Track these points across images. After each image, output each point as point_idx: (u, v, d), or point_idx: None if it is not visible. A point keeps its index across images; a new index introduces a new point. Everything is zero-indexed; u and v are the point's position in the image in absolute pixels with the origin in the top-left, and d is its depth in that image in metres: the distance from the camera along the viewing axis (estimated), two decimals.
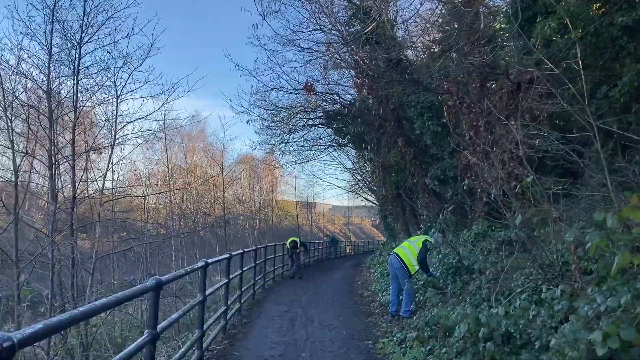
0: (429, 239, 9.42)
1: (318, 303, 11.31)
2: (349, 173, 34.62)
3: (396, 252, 9.28)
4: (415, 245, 9.24)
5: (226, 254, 7.82)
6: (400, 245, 9.53)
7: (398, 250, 9.33)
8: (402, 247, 9.35)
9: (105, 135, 11.50)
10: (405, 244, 9.41)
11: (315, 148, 23.69)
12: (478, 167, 9.76)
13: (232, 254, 7.89)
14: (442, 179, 14.02)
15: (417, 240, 9.45)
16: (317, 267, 23.25)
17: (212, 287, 7.27)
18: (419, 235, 9.73)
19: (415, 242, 9.35)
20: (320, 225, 66.05)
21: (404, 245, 9.40)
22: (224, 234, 24.27)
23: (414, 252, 9.11)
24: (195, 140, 43.13)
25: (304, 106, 17.59)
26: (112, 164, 11.82)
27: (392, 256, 9.30)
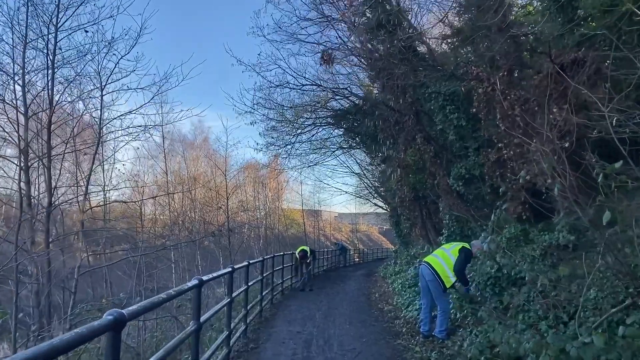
0: (467, 246, 8.04)
1: (334, 320, 9.95)
2: (358, 177, 33.34)
3: (428, 262, 7.92)
4: (451, 254, 7.89)
5: (228, 267, 6.50)
6: (433, 254, 8.16)
7: (430, 259, 7.96)
8: (434, 256, 7.99)
9: (90, 133, 10.25)
10: (439, 252, 8.04)
11: (323, 151, 22.44)
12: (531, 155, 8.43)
13: (234, 267, 6.57)
14: (467, 178, 12.66)
15: (452, 247, 8.07)
16: (327, 277, 21.86)
17: (212, 308, 5.98)
18: (455, 242, 8.36)
19: (450, 250, 7.98)
20: (327, 233, 64.61)
21: (438, 254, 8.04)
22: (228, 243, 22.95)
23: (449, 262, 7.75)
24: (199, 150, 41.97)
25: (312, 104, 16.27)
26: (102, 165, 10.50)
27: (423, 266, 7.94)
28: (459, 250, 7.81)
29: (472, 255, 8.04)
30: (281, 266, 14.92)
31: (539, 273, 7.67)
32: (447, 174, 13.12)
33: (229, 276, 6.50)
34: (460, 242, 8.26)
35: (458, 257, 7.70)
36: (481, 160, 12.13)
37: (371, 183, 33.58)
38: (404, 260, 16.51)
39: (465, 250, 7.84)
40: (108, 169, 16.29)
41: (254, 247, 35.15)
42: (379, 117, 13.48)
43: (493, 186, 12.06)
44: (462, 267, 7.71)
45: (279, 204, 43.79)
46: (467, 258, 7.87)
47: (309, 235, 47.28)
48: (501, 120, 9.49)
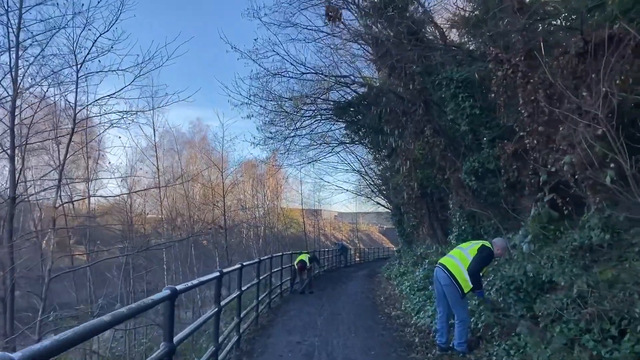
0: (488, 244, 7.04)
1: (338, 328, 8.99)
2: (359, 175, 32.39)
3: (443, 264, 6.94)
4: (469, 254, 6.90)
5: (215, 271, 5.54)
6: (449, 255, 7.18)
7: (446, 260, 6.98)
8: (451, 257, 7.00)
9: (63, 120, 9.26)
10: (456, 253, 7.05)
11: (323, 146, 21.45)
12: (559, 143, 7.49)
13: (222, 272, 5.61)
14: (481, 173, 11.70)
15: (471, 246, 7.07)
16: (328, 278, 20.89)
17: (198, 319, 5.03)
18: (475, 241, 7.35)
19: (468, 250, 6.99)
20: (327, 232, 63.68)
21: (454, 254, 7.05)
22: (225, 243, 21.96)
23: (467, 263, 6.78)
24: (197, 148, 40.93)
25: (313, 94, 15.22)
26: (86, 159, 9.52)
27: (438, 269, 6.97)
28: (479, 249, 6.82)
29: (493, 255, 7.04)
30: (280, 267, 13.96)
31: (572, 277, 6.73)
32: (459, 169, 12.17)
33: (216, 282, 5.54)
34: (480, 241, 7.26)
35: (475, 256, 6.71)
36: (497, 153, 11.20)
37: (373, 181, 32.65)
38: (410, 261, 15.54)
39: (486, 249, 6.85)
40: (92, 163, 15.32)
41: (252, 247, 34.18)
42: (385, 106, 12.51)
43: (509, 180, 11.13)
44: (478, 268, 6.72)
45: (277, 203, 42.84)
46: (487, 258, 6.88)
47: (308, 234, 46.31)
48: (523, 106, 8.54)
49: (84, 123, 9.37)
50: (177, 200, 23.11)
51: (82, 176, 15.72)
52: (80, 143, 9.30)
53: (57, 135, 8.56)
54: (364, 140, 19.85)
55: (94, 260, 10.48)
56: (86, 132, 10.41)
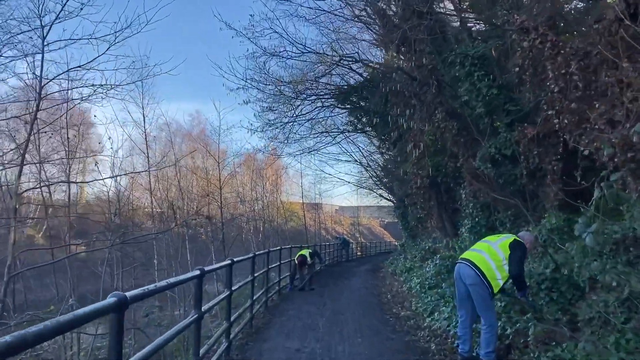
0: (517, 238, 6.03)
1: (342, 331, 8.03)
2: (361, 166, 31.38)
3: (470, 260, 5.90)
4: (499, 249, 5.86)
5: (196, 270, 4.55)
6: (474, 249, 6.14)
7: (472, 256, 5.94)
8: (478, 252, 5.97)
9: None
10: (483, 247, 6.02)
11: (324, 136, 20.45)
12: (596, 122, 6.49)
13: (205, 270, 4.62)
14: (497, 159, 10.69)
15: (500, 241, 6.02)
16: (329, 273, 19.92)
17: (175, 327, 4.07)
18: (503, 234, 6.29)
19: (498, 244, 5.94)
20: (327, 226, 62.76)
21: (482, 249, 6.00)
22: (222, 236, 20.97)
23: (498, 260, 5.75)
24: (196, 141, 39.83)
25: (313, 77, 14.15)
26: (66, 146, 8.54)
27: (463, 265, 5.93)
28: (511, 245, 5.80)
29: (527, 251, 6.05)
30: (278, 262, 12.99)
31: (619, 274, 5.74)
32: (473, 155, 11.17)
33: (196, 283, 4.56)
34: (508, 234, 6.23)
35: (512, 254, 5.69)
36: (515, 137, 10.19)
37: (375, 172, 31.65)
38: (418, 256, 14.57)
39: (520, 244, 5.84)
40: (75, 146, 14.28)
41: (251, 240, 33.20)
42: (393, 85, 11.46)
43: (529, 167, 10.14)
44: (521, 268, 5.73)
45: (277, 195, 41.81)
46: (524, 255, 5.89)
47: (309, 228, 45.35)
48: (553, 81, 7.52)
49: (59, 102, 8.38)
50: (169, 192, 22.07)
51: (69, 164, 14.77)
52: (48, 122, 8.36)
53: (30, 112, 7.50)
54: (368, 128, 18.83)
55: (72, 254, 9.50)
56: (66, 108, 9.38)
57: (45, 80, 6.94)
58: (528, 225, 10.71)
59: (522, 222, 11.25)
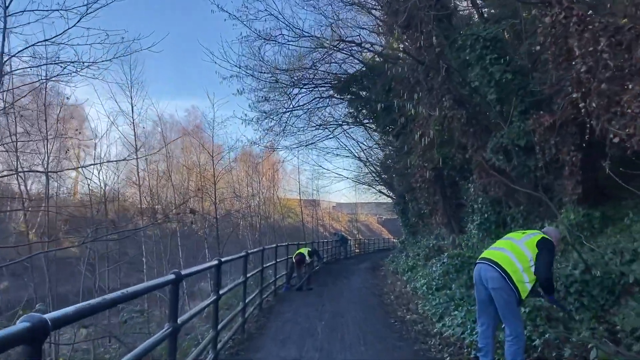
0: (544, 235, 5.24)
1: (343, 337, 7.26)
2: (359, 161, 30.61)
3: (492, 259, 5.09)
4: (526, 248, 5.04)
5: (170, 274, 3.76)
6: (497, 247, 5.31)
7: (495, 255, 5.13)
8: (502, 251, 5.16)
9: None
10: (507, 245, 5.21)
11: (322, 129, 19.66)
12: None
13: (181, 274, 3.82)
14: (509, 150, 9.92)
15: (526, 238, 5.19)
16: (328, 271, 19.13)
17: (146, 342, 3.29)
18: (530, 231, 5.44)
19: (523, 242, 5.12)
20: (325, 223, 62.02)
21: (506, 247, 5.18)
22: (217, 234, 20.17)
23: (525, 260, 4.95)
24: (191, 136, 38.92)
25: (312, 61, 13.32)
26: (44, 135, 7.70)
27: (484, 266, 5.12)
28: (539, 243, 5.00)
29: (556, 249, 5.27)
30: (274, 261, 12.21)
31: None
32: (483, 146, 10.39)
33: (171, 290, 3.77)
34: (535, 231, 5.42)
35: (540, 254, 4.90)
36: (530, 126, 9.43)
37: (374, 168, 30.88)
38: (421, 254, 13.80)
39: (548, 242, 5.05)
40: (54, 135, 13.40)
41: (247, 237, 32.38)
42: (399, 69, 10.64)
43: (545, 159, 9.37)
44: (550, 269, 4.94)
45: (274, 191, 40.94)
46: (553, 254, 5.11)
47: (306, 225, 44.58)
48: (580, 59, 6.73)
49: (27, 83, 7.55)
50: (159, 186, 21.21)
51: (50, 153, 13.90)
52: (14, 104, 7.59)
53: None
54: (368, 120, 18.03)
55: (35, 253, 8.71)
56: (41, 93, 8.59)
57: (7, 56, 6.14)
58: (543, 221, 9.98)
59: (535, 218, 10.51)
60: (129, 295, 2.80)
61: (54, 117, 14.13)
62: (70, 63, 6.19)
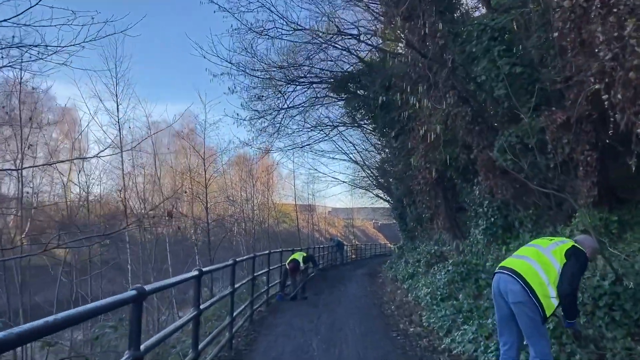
0: (575, 244, 4.52)
1: (342, 354, 6.55)
2: (356, 164, 29.97)
3: (514, 270, 4.37)
4: (554, 258, 4.31)
5: (131, 290, 3.05)
6: (520, 256, 4.59)
7: (517, 264, 4.43)
8: (525, 260, 4.45)
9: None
10: (531, 253, 4.50)
11: (317, 131, 19.01)
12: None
13: (145, 290, 3.11)
14: (518, 150, 9.24)
15: (554, 246, 4.45)
16: (323, 277, 18.41)
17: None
18: (557, 238, 4.71)
19: (551, 251, 4.39)
20: (321, 228, 61.25)
21: (530, 256, 4.45)
22: (208, 240, 19.40)
23: (553, 272, 4.25)
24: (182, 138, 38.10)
25: (307, 52, 12.60)
26: None
27: (504, 277, 4.41)
28: (569, 253, 4.30)
29: (587, 261, 4.54)
30: (267, 268, 11.48)
31: None
32: (489, 145, 9.73)
33: (132, 310, 3.06)
34: (565, 239, 4.69)
35: (569, 264, 4.21)
36: (541, 124, 8.79)
37: (371, 171, 30.23)
38: (422, 260, 13.09)
39: (580, 253, 4.35)
40: None
41: (240, 243, 31.56)
42: (401, 61, 9.98)
43: (557, 159, 8.73)
44: (575, 284, 4.23)
45: (268, 195, 40.10)
46: (583, 268, 4.40)
47: (302, 230, 43.79)
48: (605, 46, 6.08)
49: None
50: (147, 190, 20.42)
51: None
52: None
53: None
54: (365, 121, 17.37)
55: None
56: None
57: None
58: (555, 226, 9.31)
59: (545, 223, 9.84)
60: (61, 322, 2.10)
61: (43, 119, 13.51)
62: (30, 47, 5.47)
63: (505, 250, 10.06)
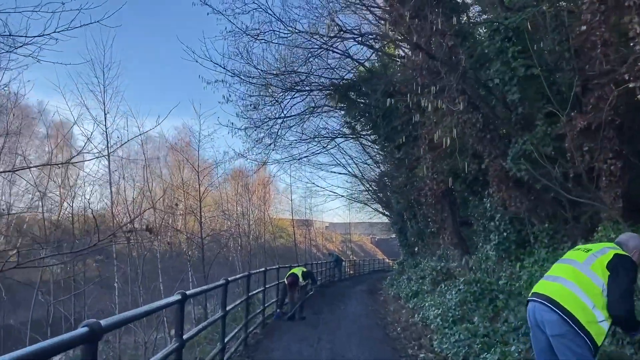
0: (617, 248, 3.78)
1: None
2: (355, 178, 29.31)
3: (549, 297, 3.64)
4: (594, 273, 3.57)
5: (82, 327, 2.31)
6: (553, 277, 3.83)
7: (552, 289, 3.66)
8: (560, 282, 3.69)
9: None
10: (567, 272, 3.73)
11: (316, 142, 18.40)
12: None
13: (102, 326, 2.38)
14: (532, 159, 8.57)
15: (592, 258, 3.67)
16: (322, 295, 17.59)
17: None
18: (595, 247, 3.97)
19: (590, 267, 3.65)
20: (318, 243, 60.35)
21: (566, 276, 3.73)
22: (202, 256, 18.61)
23: (596, 291, 3.50)
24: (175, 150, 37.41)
25: (307, 52, 11.95)
26: None
27: (539, 307, 3.64)
28: (613, 264, 3.56)
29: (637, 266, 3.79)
30: (262, 287, 10.72)
31: None
32: (502, 154, 9.08)
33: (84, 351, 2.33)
34: (605, 247, 3.93)
35: (613, 279, 3.47)
36: (558, 130, 8.16)
37: (370, 186, 29.57)
38: (428, 278, 12.33)
39: (625, 259, 3.60)
40: None
41: (236, 259, 30.66)
42: (402, 69, 9.37)
43: (577, 168, 8.08)
44: (628, 299, 3.50)
45: (265, 209, 39.27)
46: (635, 275, 3.66)
47: (299, 245, 42.92)
48: None
49: None
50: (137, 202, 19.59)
51: None
52: None
53: None
54: (367, 130, 16.74)
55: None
56: None
57: None
58: (576, 240, 8.62)
59: (563, 238, 9.15)
60: None
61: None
62: None
63: (520, 267, 9.36)
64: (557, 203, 9.11)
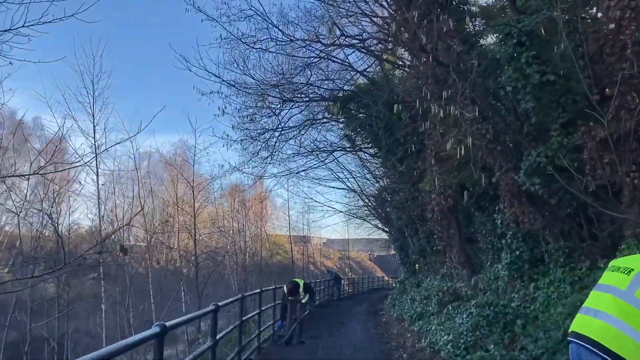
0: None
1: None
2: (354, 193, 28.74)
3: (593, 339, 2.97)
4: (638, 300, 2.97)
5: None
6: (592, 310, 3.12)
7: (592, 327, 2.93)
8: (601, 318, 2.98)
9: None
10: (607, 304, 2.98)
11: (314, 155, 17.85)
12: None
13: None
14: (547, 172, 8.00)
15: (635, 284, 3.02)
16: (321, 316, 16.83)
17: None
18: (637, 258, 3.31)
19: (634, 294, 2.94)
20: (316, 260, 59.38)
21: (606, 309, 2.98)
22: (196, 275, 17.88)
23: None
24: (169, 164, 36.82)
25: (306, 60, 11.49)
26: None
27: (582, 351, 2.95)
28: None
29: None
30: (258, 310, 10.04)
31: None
32: (514, 167, 8.52)
33: None
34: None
35: None
36: (575, 142, 7.63)
37: (369, 201, 28.96)
38: (434, 299, 11.63)
39: None
40: None
41: (232, 277, 29.82)
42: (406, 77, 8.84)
43: (596, 182, 7.52)
44: None
45: (262, 224, 38.50)
46: None
47: (296, 262, 42.08)
48: None
49: None
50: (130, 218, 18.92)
51: None
52: None
53: None
54: (367, 144, 16.22)
55: None
56: None
57: None
58: (595, 259, 8.02)
59: (580, 257, 8.53)
60: None
61: None
62: None
63: (534, 287, 8.73)
64: (573, 219, 8.54)
